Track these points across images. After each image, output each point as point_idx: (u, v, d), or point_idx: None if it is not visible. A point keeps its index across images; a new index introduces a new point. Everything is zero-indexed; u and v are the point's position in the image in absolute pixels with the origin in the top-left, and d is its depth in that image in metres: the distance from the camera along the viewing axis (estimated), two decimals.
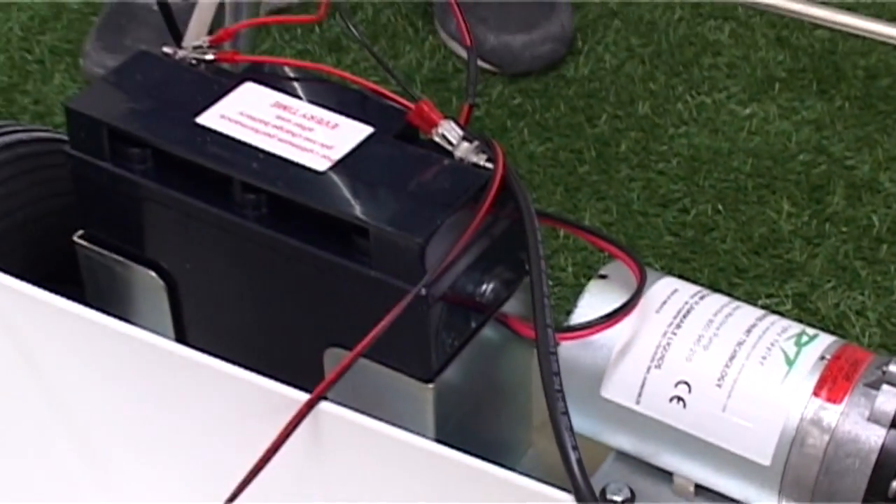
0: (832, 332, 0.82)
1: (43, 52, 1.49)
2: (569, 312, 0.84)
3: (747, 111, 1.40)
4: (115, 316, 0.80)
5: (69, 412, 0.83)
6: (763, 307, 0.83)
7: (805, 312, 1.22)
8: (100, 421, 0.83)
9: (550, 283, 0.79)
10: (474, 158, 0.78)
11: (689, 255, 1.27)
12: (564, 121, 1.40)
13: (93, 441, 0.84)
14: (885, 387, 0.75)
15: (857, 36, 0.98)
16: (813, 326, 0.82)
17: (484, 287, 0.79)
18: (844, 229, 1.28)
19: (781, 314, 0.83)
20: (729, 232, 1.28)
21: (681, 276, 0.85)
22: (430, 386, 0.78)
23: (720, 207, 1.31)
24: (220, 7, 0.96)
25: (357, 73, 0.84)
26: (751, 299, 1.22)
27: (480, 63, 1.45)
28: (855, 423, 0.76)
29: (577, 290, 1.22)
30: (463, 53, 1.47)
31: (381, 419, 0.75)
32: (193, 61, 0.86)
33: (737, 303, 0.82)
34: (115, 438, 0.83)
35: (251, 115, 0.80)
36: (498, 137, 1.36)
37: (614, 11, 1.52)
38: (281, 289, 0.80)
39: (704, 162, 1.35)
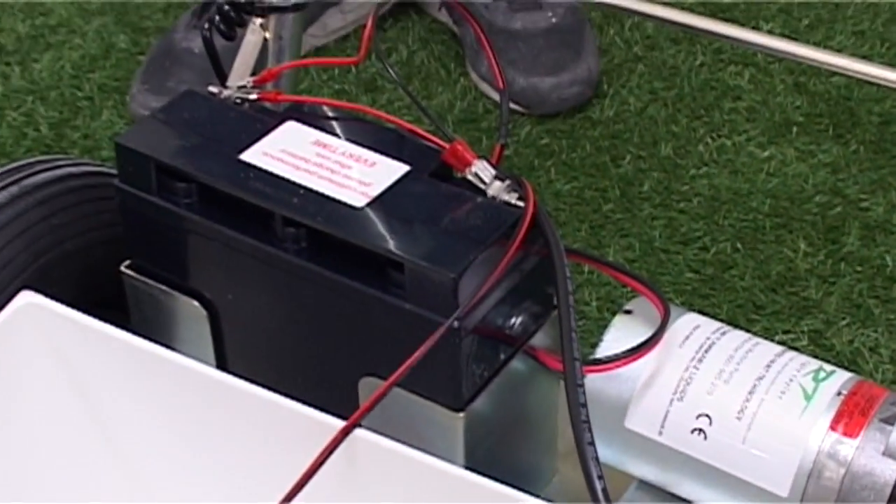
0: (846, 368, 0.82)
1: (92, 90, 1.50)
2: (593, 345, 0.84)
3: (766, 154, 1.40)
4: (159, 343, 0.80)
5: (114, 433, 0.83)
6: (780, 343, 0.83)
7: (820, 349, 1.21)
8: (142, 442, 0.83)
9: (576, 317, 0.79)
10: (506, 197, 0.78)
11: (709, 291, 1.26)
12: (590, 161, 1.40)
13: (136, 462, 0.84)
14: None
15: (871, 83, 0.98)
16: (828, 362, 0.81)
17: (513, 320, 0.79)
18: (859, 269, 1.28)
19: (797, 349, 0.83)
20: (747, 270, 1.28)
21: (701, 312, 0.84)
22: (461, 415, 0.77)
23: (739, 246, 1.30)
24: (263, 48, 0.96)
25: (391, 113, 0.84)
26: (768, 335, 1.21)
27: (510, 104, 1.45)
28: (870, 458, 0.76)
29: (601, 324, 1.23)
30: (493, 95, 1.47)
31: (413, 446, 0.74)
32: (238, 100, 0.86)
33: (757, 339, 0.82)
34: (156, 460, 0.83)
35: (292, 153, 0.80)
36: (526, 176, 1.35)
37: (639, 56, 1.52)
38: (319, 319, 0.80)
39: (724, 202, 1.35)
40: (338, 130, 0.83)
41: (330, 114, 0.84)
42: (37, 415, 0.82)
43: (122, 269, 0.86)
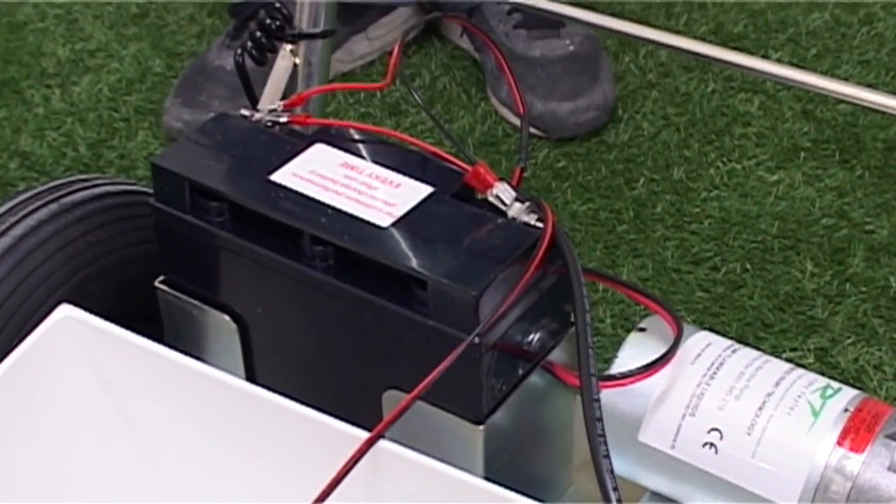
0: (851, 386, 0.81)
1: (129, 111, 1.50)
2: (607, 360, 0.83)
3: (774, 178, 1.39)
4: (190, 355, 0.80)
5: (147, 441, 0.83)
6: (787, 360, 0.82)
7: (826, 366, 1.20)
8: (173, 449, 0.83)
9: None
10: (526, 218, 0.78)
11: (719, 310, 1.26)
12: (605, 183, 1.40)
13: (167, 468, 0.83)
14: None
15: (876, 111, 0.98)
16: (833, 380, 0.81)
17: (532, 337, 0.79)
18: (864, 289, 1.27)
19: (804, 367, 0.82)
20: (756, 289, 1.27)
21: (711, 330, 0.84)
22: (481, 427, 0.77)
23: (748, 266, 1.30)
24: (293, 73, 0.96)
25: (414, 136, 0.84)
26: (776, 353, 1.20)
27: (530, 128, 1.46)
28: (876, 472, 0.75)
29: (615, 340, 1.22)
30: (512, 119, 1.47)
31: (434, 457, 0.74)
32: (268, 123, 0.86)
33: (766, 357, 0.81)
34: (187, 467, 0.83)
35: (321, 174, 0.80)
36: (543, 197, 1.35)
37: (652, 83, 1.52)
38: (344, 334, 0.79)
39: (734, 224, 1.34)
40: (364, 153, 0.82)
41: (357, 137, 0.84)
42: (73, 423, 0.82)
43: (157, 284, 0.86)
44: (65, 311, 0.80)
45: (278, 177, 0.80)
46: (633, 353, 0.81)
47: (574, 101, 1.43)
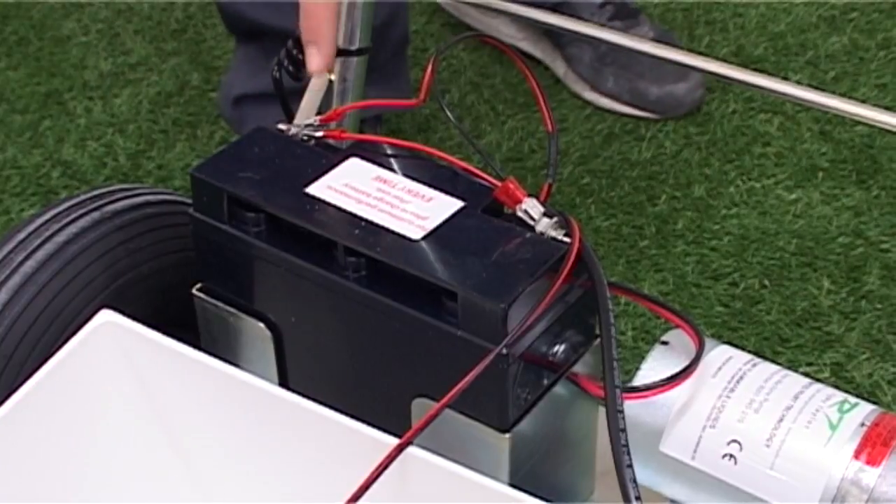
0: (866, 400, 0.81)
1: (167, 123, 1.50)
2: (628, 371, 0.83)
3: (793, 196, 1.39)
4: (226, 361, 0.80)
5: (183, 442, 0.83)
6: (803, 374, 0.82)
7: (841, 381, 1.20)
8: (208, 452, 0.83)
9: None
10: (553, 233, 0.77)
11: (738, 324, 1.25)
12: (628, 200, 1.39)
13: (202, 469, 0.83)
14: None
15: (893, 133, 0.97)
16: (849, 394, 0.80)
17: (557, 348, 0.78)
18: (879, 306, 1.27)
19: (820, 381, 0.82)
20: (774, 305, 1.27)
21: (730, 344, 0.84)
22: (507, 436, 0.77)
23: (766, 282, 1.29)
24: (328, 89, 0.96)
25: (443, 151, 0.84)
26: (792, 367, 1.20)
27: (640, 112, 1.47)
28: (892, 485, 0.75)
29: (636, 352, 1.22)
30: (619, 108, 1.49)
31: (461, 463, 0.74)
32: (304, 137, 0.86)
33: (785, 371, 0.81)
34: (221, 469, 0.83)
35: (355, 187, 0.80)
36: (568, 212, 1.35)
37: None
38: (376, 343, 0.79)
39: (753, 241, 1.34)
40: (397, 167, 0.82)
41: (390, 151, 0.84)
42: (112, 424, 0.82)
43: (194, 291, 0.86)
44: (105, 316, 0.81)
45: (314, 189, 0.80)
46: (656, 365, 0.81)
47: (686, 80, 1.46)
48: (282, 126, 0.87)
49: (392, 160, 0.83)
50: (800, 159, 1.43)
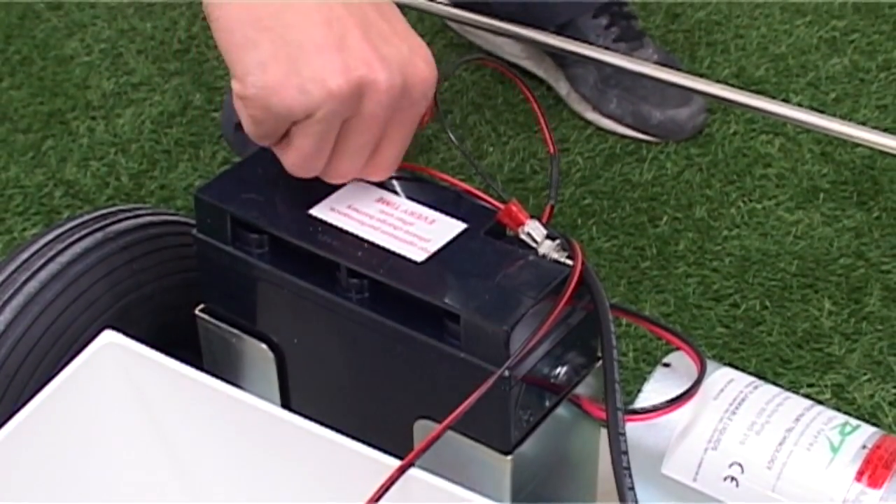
0: (867, 422, 0.81)
1: (169, 144, 1.51)
2: (630, 393, 0.83)
3: (794, 218, 1.39)
4: (228, 382, 0.80)
5: (185, 464, 0.83)
6: (804, 396, 0.82)
7: (842, 402, 1.20)
8: (211, 473, 0.83)
9: None
10: (555, 255, 0.78)
11: (739, 345, 1.26)
12: (629, 221, 1.40)
13: (203, 493, 0.84)
14: None
15: (892, 155, 0.98)
16: (850, 416, 0.81)
17: (560, 370, 0.78)
18: (880, 327, 1.27)
19: (821, 402, 0.82)
20: (775, 326, 1.27)
21: (731, 365, 0.84)
22: (509, 458, 0.77)
23: (767, 304, 1.30)
24: None
25: (444, 172, 0.84)
26: (793, 388, 1.20)
27: (642, 136, 1.48)
28: None
29: (637, 374, 1.22)
30: (620, 130, 1.49)
31: (463, 485, 0.74)
32: None
33: (787, 393, 0.81)
34: (223, 490, 0.83)
35: (358, 209, 0.80)
36: (569, 233, 1.36)
37: None
38: (378, 364, 0.79)
39: (754, 262, 1.34)
40: (400, 189, 0.83)
41: (393, 173, 0.84)
42: (114, 445, 0.82)
43: (196, 312, 0.86)
44: (108, 337, 0.81)
45: (317, 211, 0.80)
46: (658, 387, 0.81)
47: (689, 105, 1.46)
48: None
49: (395, 182, 0.84)
50: (801, 181, 1.43)
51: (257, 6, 0.73)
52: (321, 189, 0.82)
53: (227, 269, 0.82)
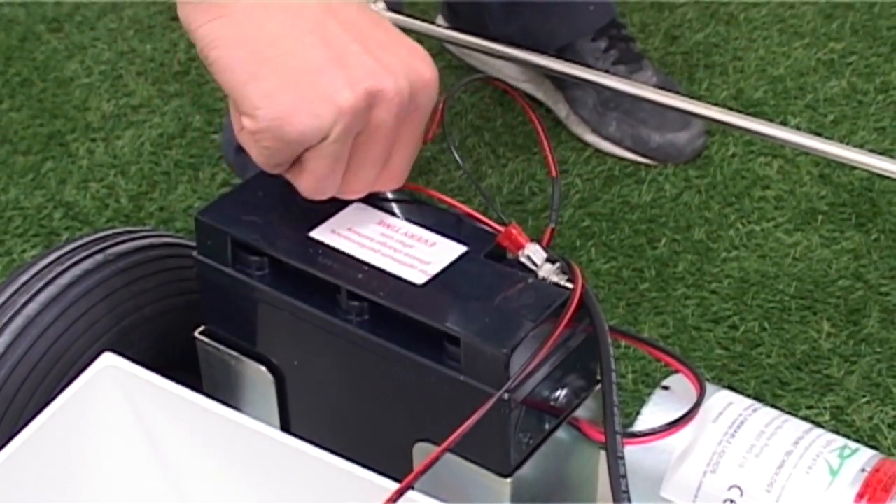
0: (866, 444, 0.81)
1: (169, 165, 1.51)
2: (629, 415, 0.83)
3: (792, 240, 1.39)
4: (227, 404, 0.80)
5: (184, 487, 0.83)
6: (803, 418, 0.82)
7: (841, 424, 1.20)
8: (210, 497, 0.83)
9: None
10: (555, 278, 0.78)
11: (738, 367, 1.26)
12: (628, 242, 1.40)
13: None
14: None
15: (890, 178, 0.98)
16: (848, 438, 0.81)
17: (559, 393, 0.78)
18: (879, 349, 1.27)
19: (820, 424, 0.82)
20: (774, 348, 1.27)
21: (730, 387, 0.84)
22: (508, 480, 0.77)
23: (766, 325, 1.30)
24: None
25: (445, 194, 0.84)
26: (792, 410, 1.20)
27: (641, 158, 1.48)
28: None
29: (636, 396, 1.22)
30: (618, 152, 1.50)
31: None
32: None
33: (786, 416, 0.81)
34: None
35: (358, 232, 0.81)
36: (568, 256, 1.36)
37: None
38: (378, 387, 0.79)
39: (753, 284, 1.34)
40: (400, 212, 0.83)
41: (393, 196, 0.84)
42: (114, 469, 0.82)
43: (196, 334, 0.86)
44: (107, 360, 0.81)
45: (317, 234, 0.80)
46: (657, 410, 0.81)
47: (688, 129, 1.47)
48: None
49: (395, 205, 0.84)
50: (799, 202, 1.43)
51: (253, 40, 0.73)
52: (322, 211, 0.82)
53: (228, 292, 0.82)
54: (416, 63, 0.75)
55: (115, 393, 0.80)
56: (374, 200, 0.83)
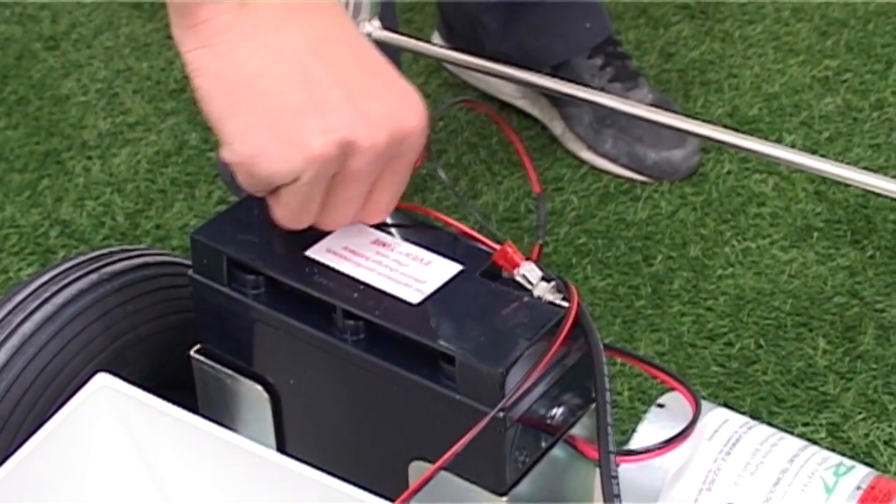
0: (862, 461, 0.81)
1: (165, 183, 1.51)
2: (624, 432, 0.83)
3: (788, 257, 1.39)
4: (223, 424, 0.80)
5: None
6: (799, 435, 0.82)
7: (837, 441, 1.20)
8: None
9: None
10: (551, 297, 0.78)
11: (734, 384, 1.26)
12: (623, 260, 1.40)
13: None
14: None
15: (884, 196, 0.98)
16: (844, 455, 0.81)
17: (555, 411, 0.78)
18: (874, 366, 1.27)
19: (816, 441, 0.82)
20: (770, 365, 1.27)
21: (726, 404, 0.84)
22: (504, 499, 0.77)
23: (762, 342, 1.30)
24: None
25: (440, 212, 0.84)
26: (788, 427, 1.20)
27: (637, 176, 1.48)
28: None
29: (632, 413, 1.22)
30: (614, 170, 1.50)
31: None
32: None
33: (781, 434, 0.81)
34: None
35: (354, 251, 0.81)
36: (564, 272, 1.36)
37: None
38: (373, 406, 0.79)
39: (749, 301, 1.34)
40: (396, 231, 0.83)
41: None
42: (108, 490, 0.82)
43: (192, 353, 0.86)
44: (102, 381, 0.81)
45: (313, 252, 0.80)
46: (652, 428, 0.81)
47: (684, 147, 1.47)
48: None
49: (391, 224, 0.84)
50: (795, 219, 1.44)
51: (233, 76, 0.73)
52: (317, 230, 0.82)
53: (223, 310, 0.82)
54: (402, 112, 0.74)
55: (109, 413, 0.80)
56: None
